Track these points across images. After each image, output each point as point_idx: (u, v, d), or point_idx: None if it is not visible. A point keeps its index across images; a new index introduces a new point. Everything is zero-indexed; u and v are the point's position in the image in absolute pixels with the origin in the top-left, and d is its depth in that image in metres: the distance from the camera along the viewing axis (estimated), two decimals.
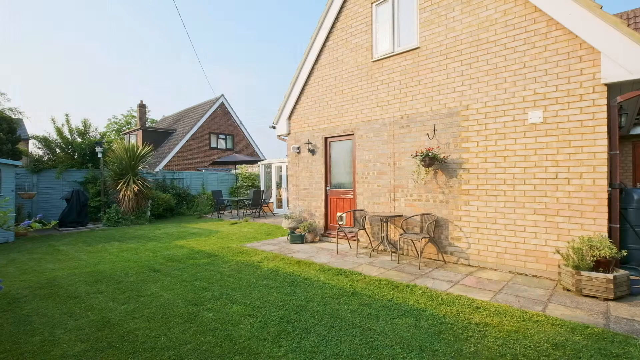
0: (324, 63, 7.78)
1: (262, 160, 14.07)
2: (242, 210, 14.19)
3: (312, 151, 8.00)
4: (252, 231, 9.55)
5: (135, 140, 22.55)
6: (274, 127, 9.00)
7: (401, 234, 5.76)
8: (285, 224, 7.81)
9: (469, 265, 5.46)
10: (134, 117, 34.03)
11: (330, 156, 7.80)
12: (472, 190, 5.45)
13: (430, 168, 5.79)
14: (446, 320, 3.38)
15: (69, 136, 13.02)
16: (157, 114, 35.64)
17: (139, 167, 12.75)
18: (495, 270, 5.19)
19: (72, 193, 10.86)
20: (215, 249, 7.05)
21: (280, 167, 14.90)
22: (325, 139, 7.82)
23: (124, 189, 11.69)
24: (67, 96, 54.23)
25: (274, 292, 4.33)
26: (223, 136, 23.67)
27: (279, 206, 14.88)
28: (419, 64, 6.11)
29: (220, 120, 23.55)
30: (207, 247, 7.35)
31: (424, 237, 5.42)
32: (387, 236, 6.33)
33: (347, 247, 7.00)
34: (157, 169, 18.15)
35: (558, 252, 4.39)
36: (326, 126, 7.77)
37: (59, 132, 12.75)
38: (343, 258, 6.12)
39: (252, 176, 18.27)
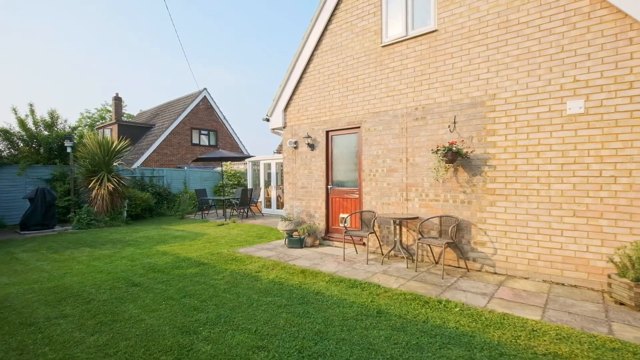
0: (326, 49, 7.04)
1: (249, 157, 13.18)
2: (228, 210, 13.26)
3: (312, 146, 7.26)
4: (242, 234, 8.71)
5: (110, 135, 21.02)
6: (267, 120, 8.19)
7: (419, 239, 5.13)
8: (282, 226, 7.05)
9: (496, 274, 4.88)
10: (109, 111, 32.20)
11: (332, 151, 7.09)
12: (500, 190, 4.88)
13: (450, 165, 5.18)
14: (506, 351, 2.74)
15: (33, 128, 11.72)
16: (133, 109, 33.77)
17: (114, 164, 11.62)
18: (526, 279, 4.63)
19: (37, 192, 9.66)
20: (203, 256, 6.20)
21: (269, 164, 14.06)
22: (327, 132, 7.10)
23: (97, 187, 10.57)
24: (32, 92, 50.90)
25: (283, 312, 3.59)
26: (206, 132, 22.51)
27: (268, 206, 14.04)
28: (437, 48, 5.49)
29: (203, 115, 22.38)
30: (194, 253, 6.48)
31: (447, 242, 4.80)
32: (400, 240, 5.68)
33: (353, 252, 6.31)
34: (135, 166, 16.86)
35: (611, 261, 3.86)
36: (328, 118, 7.05)
37: (22, 123, 11.43)
38: (352, 265, 5.43)
39: (238, 174, 17.34)
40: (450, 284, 4.46)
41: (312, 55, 7.26)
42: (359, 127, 6.56)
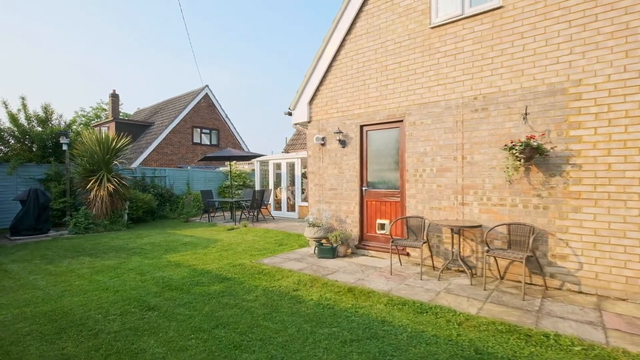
0: (360, 33, 6.24)
1: (259, 155, 12.31)
2: (237, 213, 12.38)
3: (343, 142, 6.45)
4: (259, 240, 7.87)
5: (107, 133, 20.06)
6: (289, 114, 7.37)
7: (486, 250, 4.34)
8: (309, 232, 6.23)
9: (582, 293, 4.10)
10: (104, 110, 31.06)
11: (366, 148, 6.28)
12: (586, 193, 4.10)
13: (524, 163, 4.39)
14: None
15: (25, 124, 10.76)
16: (129, 108, 32.28)
17: (114, 162, 10.71)
18: (624, 300, 3.85)
19: (29, 193, 8.74)
20: (224, 268, 5.35)
21: (279, 164, 13.23)
22: (361, 127, 6.29)
23: (95, 188, 9.66)
24: (24, 91, 49.40)
25: (354, 352, 2.76)
26: (207, 130, 21.61)
27: (277, 208, 13.20)
28: (502, 28, 4.71)
29: (205, 113, 21.48)
30: (212, 264, 5.63)
31: (527, 255, 4.00)
32: (459, 252, 4.89)
33: (397, 264, 5.51)
34: (133, 165, 15.91)
35: None
36: (362, 111, 6.24)
37: (13, 118, 10.47)
38: (404, 282, 4.61)
39: (243, 175, 16.49)
40: (538, 308, 3.67)
41: (343, 40, 6.45)
42: (401, 121, 5.76)
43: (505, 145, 4.38)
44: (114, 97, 22.87)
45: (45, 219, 9.02)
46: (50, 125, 11.14)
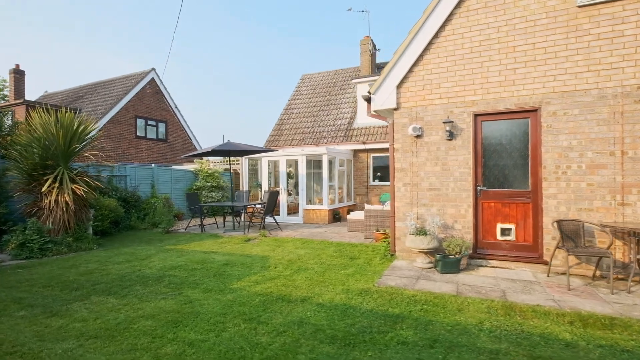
0: (476, 6, 5.35)
1: (270, 150, 10.19)
2: (236, 220, 10.27)
3: (451, 134, 5.46)
4: (312, 252, 6.36)
5: (11, 122, 15.11)
6: (367, 100, 6.05)
7: None
8: (418, 242, 5.08)
9: None
10: (1, 89, 23.93)
11: (482, 142, 5.41)
12: None
13: None
14: None
15: None
16: (32, 93, 24.86)
17: (88, 155, 7.81)
18: None
19: None
20: (356, 299, 3.88)
21: (277, 161, 11.51)
22: (475, 116, 5.39)
23: (54, 192, 6.79)
24: None
25: None
26: (153, 122, 18.21)
27: (276, 212, 11.41)
28: None
29: (150, 101, 18.07)
30: (326, 293, 4.09)
31: None
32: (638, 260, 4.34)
33: (539, 274, 4.75)
34: None
35: None
36: (478, 98, 5.35)
37: None
38: (608, 298, 3.86)
39: (216, 174, 14.08)
40: None
41: (451, 14, 5.47)
42: (535, 111, 5.04)
43: None
44: (17, 74, 17.84)
45: None
46: None
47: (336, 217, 11.08)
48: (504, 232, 5.25)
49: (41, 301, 4.06)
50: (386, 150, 12.52)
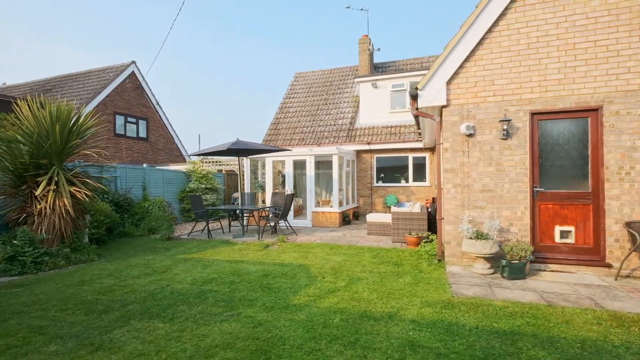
0: (532, 1, 5.16)
1: (285, 149, 9.48)
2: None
3: (507, 133, 5.22)
4: (350, 259, 5.92)
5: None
6: (414, 96, 5.69)
7: None
8: (485, 247, 4.79)
9: None
10: None
11: (538, 141, 5.22)
12: None
13: None
14: None
15: None
16: None
17: (88, 153, 6.84)
18: None
19: None
20: (446, 313, 3.48)
21: (283, 161, 10.92)
22: (532, 115, 5.19)
23: (50, 195, 5.85)
24: None
25: None
26: (134, 119, 16.89)
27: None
28: None
29: (130, 97, 16.75)
30: (406, 309, 3.65)
31: None
32: None
33: (606, 279, 4.61)
34: None
35: None
36: (536, 96, 5.16)
37: None
38: None
39: (209, 176, 13.18)
40: None
41: (506, 8, 5.25)
42: (595, 110, 4.92)
43: None
44: None
45: None
46: None
47: (346, 219, 10.66)
48: (563, 234, 5.08)
49: (69, 330, 3.30)
50: (393, 151, 12.30)
